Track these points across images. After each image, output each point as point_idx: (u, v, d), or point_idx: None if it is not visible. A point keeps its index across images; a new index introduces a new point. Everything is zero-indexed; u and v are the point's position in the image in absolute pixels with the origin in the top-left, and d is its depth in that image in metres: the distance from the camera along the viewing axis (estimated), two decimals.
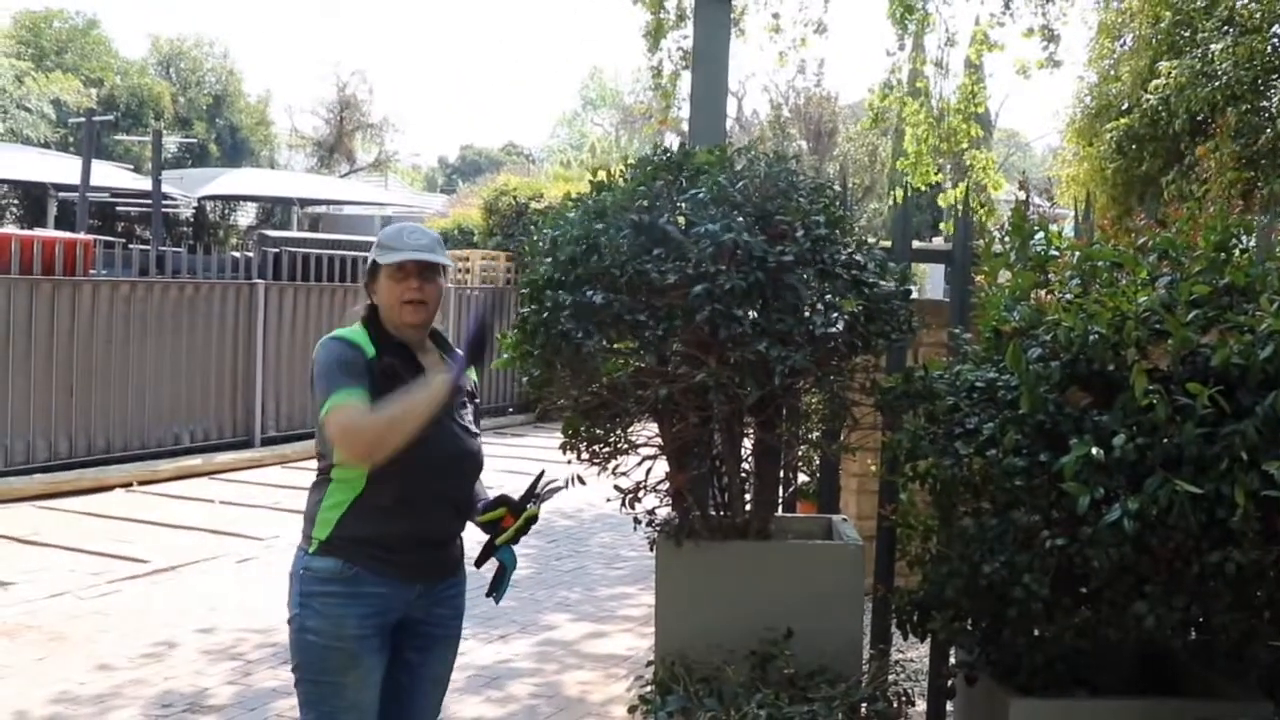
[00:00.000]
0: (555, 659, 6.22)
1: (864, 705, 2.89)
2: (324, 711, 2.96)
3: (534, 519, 3.09)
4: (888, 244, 3.88)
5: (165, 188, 23.48)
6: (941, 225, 13.15)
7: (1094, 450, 2.70)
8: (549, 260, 3.13)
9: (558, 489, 3.17)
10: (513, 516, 3.07)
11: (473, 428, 3.06)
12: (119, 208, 27.82)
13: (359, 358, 2.90)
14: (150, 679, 5.77)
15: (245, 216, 32.74)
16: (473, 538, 3.13)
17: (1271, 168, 9.49)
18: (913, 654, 5.45)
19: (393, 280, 2.95)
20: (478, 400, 3.16)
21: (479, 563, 3.19)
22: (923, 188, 12.23)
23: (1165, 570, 2.78)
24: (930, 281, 15.31)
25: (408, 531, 2.94)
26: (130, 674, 5.84)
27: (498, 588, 3.16)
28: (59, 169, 24.26)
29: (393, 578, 2.95)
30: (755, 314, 2.90)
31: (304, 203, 28.85)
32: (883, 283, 3.07)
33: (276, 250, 13.72)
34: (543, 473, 3.17)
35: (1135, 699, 3.07)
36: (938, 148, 12.63)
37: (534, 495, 3.11)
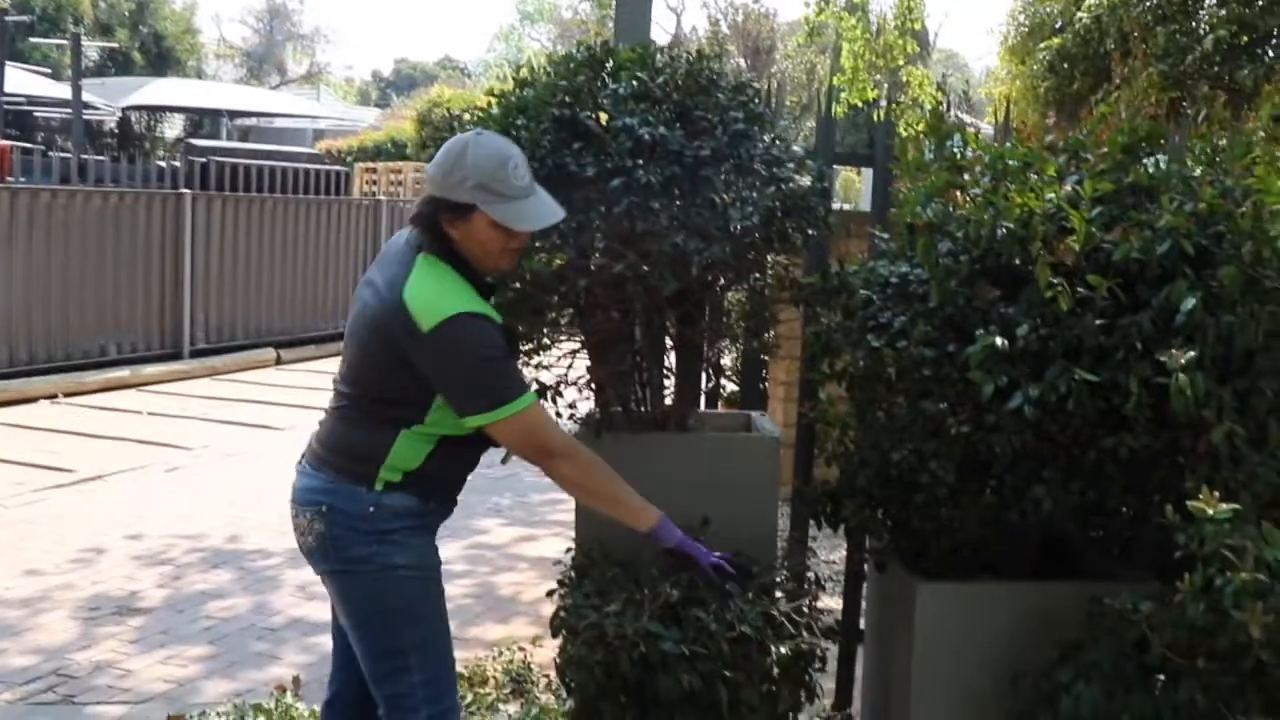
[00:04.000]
0: (487, 561, 6.33)
1: (777, 587, 2.99)
2: (433, 650, 2.84)
3: None
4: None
5: (86, 96, 22.87)
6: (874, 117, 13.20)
7: (999, 341, 2.79)
8: None
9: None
10: None
11: None
12: (37, 115, 27.04)
13: (500, 337, 2.70)
14: (79, 583, 5.79)
15: (172, 128, 32.01)
16: None
17: (1197, 87, 9.65)
18: (834, 556, 5.61)
19: (499, 231, 2.68)
20: None
21: None
22: (859, 104, 12.26)
23: (1064, 456, 2.90)
24: (864, 196, 15.42)
25: (469, 467, 2.88)
26: (58, 578, 5.86)
27: None
28: None
29: (449, 507, 2.91)
30: (674, 208, 2.94)
31: (233, 115, 28.30)
32: (799, 178, 3.13)
33: (204, 160, 13.48)
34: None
35: (1035, 582, 3.20)
36: (874, 64, 12.65)
37: None
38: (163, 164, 13.76)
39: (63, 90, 24.20)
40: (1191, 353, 2.60)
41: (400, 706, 2.82)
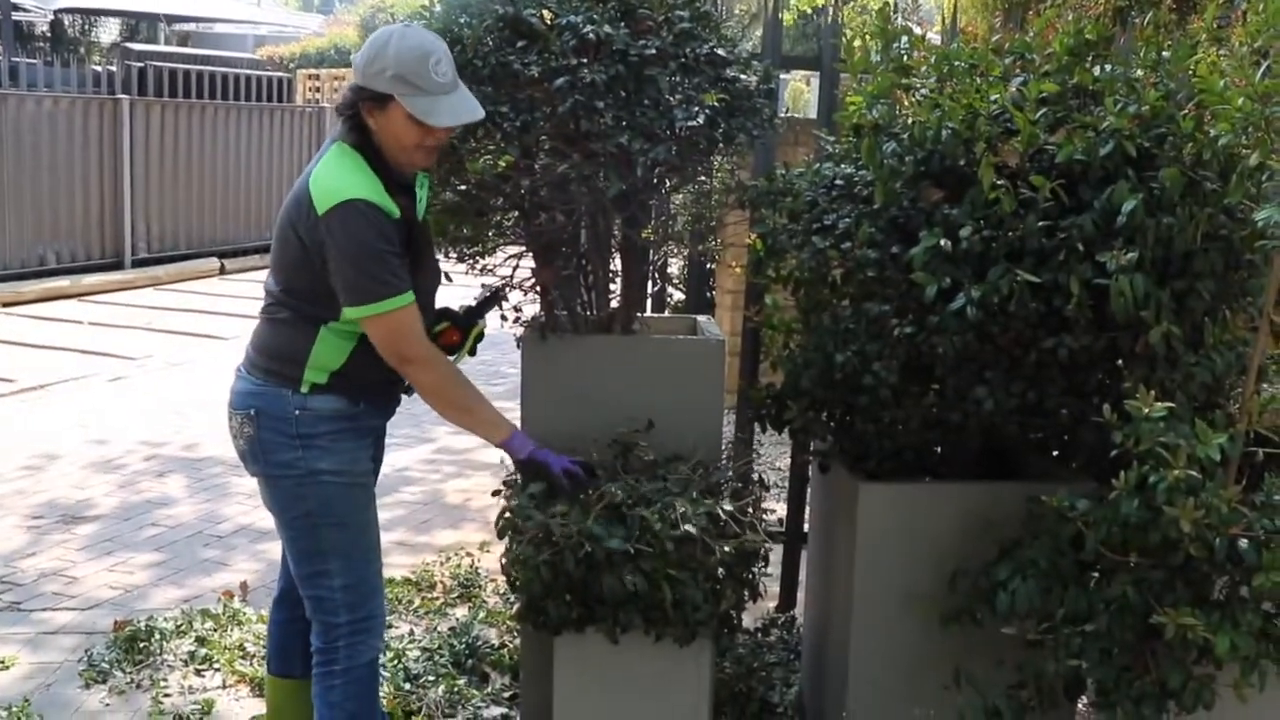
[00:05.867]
0: (437, 468, 6.35)
1: (722, 488, 3.01)
2: (356, 556, 2.86)
3: (481, 335, 3.06)
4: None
5: None
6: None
7: (942, 242, 2.80)
8: None
9: (498, 298, 3.17)
10: (456, 330, 3.02)
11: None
12: None
13: (393, 231, 2.66)
14: (25, 491, 5.74)
15: (108, 33, 31.03)
16: None
17: None
18: (780, 463, 5.67)
19: (418, 127, 2.66)
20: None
21: None
22: (808, 9, 12.13)
23: (1005, 357, 2.92)
24: (812, 106, 15.32)
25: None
26: (4, 486, 5.80)
27: None
28: None
29: (385, 409, 2.92)
30: (619, 108, 2.90)
31: (170, 19, 27.46)
32: (744, 77, 3.09)
33: (142, 65, 13.13)
34: (484, 289, 3.16)
35: (976, 483, 3.25)
36: None
37: (477, 309, 3.09)
38: (99, 69, 13.36)
39: None
40: (1132, 254, 2.62)
41: (322, 609, 2.88)
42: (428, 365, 2.77)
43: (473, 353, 3.11)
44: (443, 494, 5.94)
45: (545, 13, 3.04)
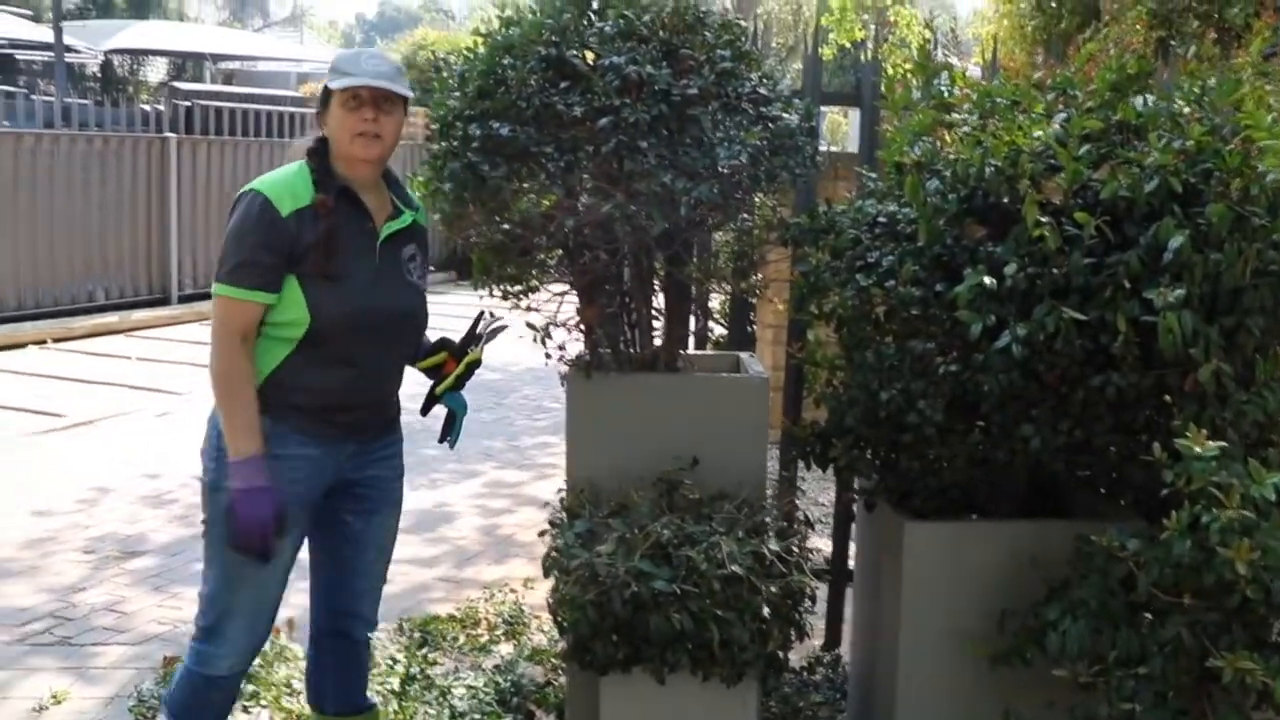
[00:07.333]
0: (482, 502, 6.37)
1: (767, 527, 3.00)
2: (224, 578, 2.87)
3: (477, 363, 3.04)
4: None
5: (68, 39, 22.58)
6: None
7: (986, 279, 2.79)
8: (457, 95, 3.11)
9: (501, 328, 3.10)
10: (454, 361, 3.03)
11: (420, 284, 2.95)
12: (19, 59, 26.69)
13: (278, 226, 2.68)
14: (80, 526, 5.81)
15: (155, 72, 31.61)
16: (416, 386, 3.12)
17: (1186, 25, 9.56)
18: (824, 498, 5.66)
19: (345, 110, 2.73)
20: (429, 253, 3.06)
21: (424, 410, 3.15)
22: (847, 44, 12.16)
23: (1052, 395, 2.90)
24: (851, 139, 15.34)
25: (344, 390, 2.81)
26: (59, 521, 5.88)
27: (450, 433, 3.12)
28: None
29: (327, 438, 2.83)
30: (662, 148, 2.92)
31: (216, 58, 27.96)
32: (787, 117, 3.10)
33: (188, 104, 13.34)
34: (482, 314, 3.09)
35: (1022, 521, 3.22)
36: (861, 3, 12.53)
37: (475, 337, 3.06)
38: (146, 108, 13.60)
39: (44, 33, 23.84)
40: (1179, 290, 2.60)
41: (199, 606, 2.95)
42: (217, 357, 2.75)
43: (459, 384, 3.06)
44: (488, 529, 5.95)
45: (588, 53, 3.07)
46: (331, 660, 3.15)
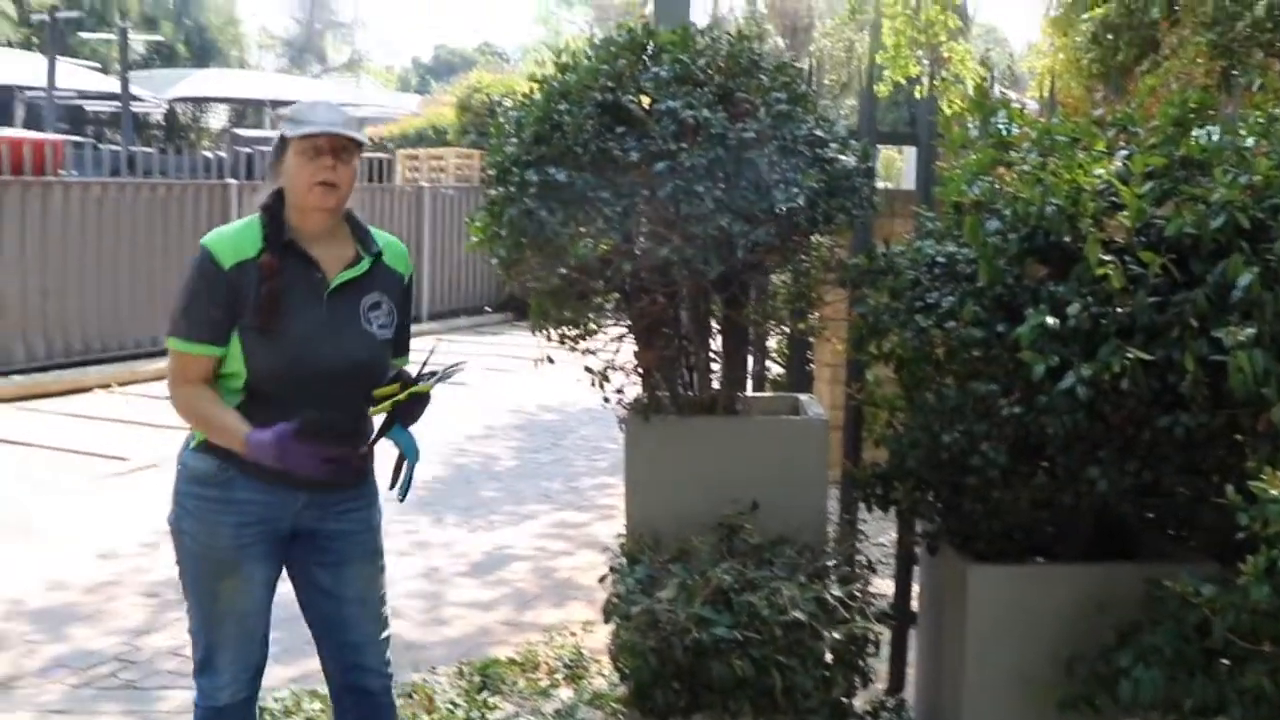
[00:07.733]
0: (542, 544, 6.36)
1: (829, 571, 2.97)
2: (203, 614, 2.89)
3: (424, 397, 2.77)
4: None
5: (134, 89, 23.15)
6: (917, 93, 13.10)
7: (1049, 320, 2.75)
8: (514, 141, 3.14)
9: (457, 368, 2.84)
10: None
11: (381, 333, 2.81)
12: (88, 109, 27.39)
13: (220, 280, 2.68)
14: (144, 569, 5.86)
15: (217, 119, 32.29)
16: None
17: (1248, 56, 9.44)
18: (884, 538, 5.59)
19: (303, 158, 2.69)
20: (412, 296, 2.95)
21: (370, 444, 2.85)
22: (902, 81, 12.15)
23: (1118, 436, 2.85)
24: (906, 175, 15.29)
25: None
26: (125, 564, 5.94)
27: (397, 480, 2.81)
28: (24, 69, 23.80)
29: (273, 484, 2.75)
30: (718, 191, 2.92)
31: (275, 104, 28.43)
32: (843, 158, 3.10)
33: (249, 150, 13.59)
34: (433, 350, 2.85)
35: (1089, 564, 3.16)
36: (915, 40, 12.50)
37: (431, 373, 2.79)
38: (209, 154, 13.87)
39: (111, 84, 24.47)
40: (1250, 329, 2.55)
41: (191, 640, 2.95)
42: (176, 404, 2.78)
43: (402, 415, 2.76)
44: (548, 571, 5.94)
45: (644, 98, 3.09)
46: (353, 716, 3.12)
